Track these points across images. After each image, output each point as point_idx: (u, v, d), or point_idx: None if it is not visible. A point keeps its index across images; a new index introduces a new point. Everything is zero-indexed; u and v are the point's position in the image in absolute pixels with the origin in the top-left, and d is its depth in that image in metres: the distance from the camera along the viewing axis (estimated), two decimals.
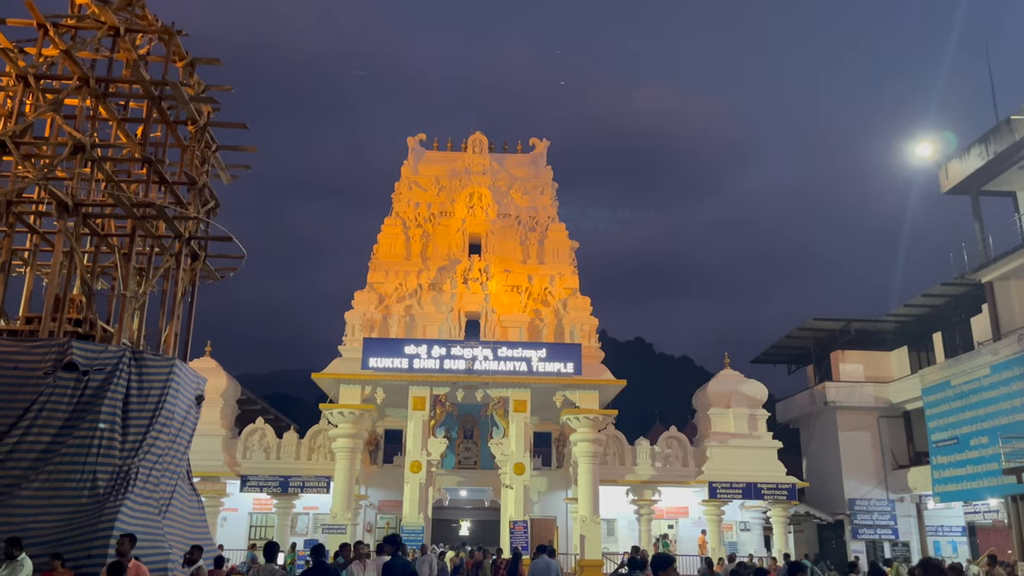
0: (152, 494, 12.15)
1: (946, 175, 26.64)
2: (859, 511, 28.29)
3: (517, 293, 27.08)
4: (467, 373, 24.25)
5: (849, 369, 30.54)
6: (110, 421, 11.86)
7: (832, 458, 29.70)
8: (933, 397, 26.22)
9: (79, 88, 13.62)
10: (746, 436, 27.36)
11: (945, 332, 28.47)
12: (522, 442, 24.29)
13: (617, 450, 27.16)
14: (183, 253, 14.95)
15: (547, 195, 29.59)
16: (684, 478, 26.97)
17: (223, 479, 25.96)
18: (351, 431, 24.31)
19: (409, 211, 28.59)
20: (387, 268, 27.32)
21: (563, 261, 28.09)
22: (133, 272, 14.04)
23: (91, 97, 13.80)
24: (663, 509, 27.97)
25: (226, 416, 27.07)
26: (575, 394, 24.73)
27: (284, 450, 26.83)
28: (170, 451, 12.89)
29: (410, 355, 24.28)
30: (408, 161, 29.92)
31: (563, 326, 26.69)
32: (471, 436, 28.47)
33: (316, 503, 27.20)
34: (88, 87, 13.61)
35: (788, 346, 33.47)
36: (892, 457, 29.24)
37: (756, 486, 26.22)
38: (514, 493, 23.86)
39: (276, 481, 25.90)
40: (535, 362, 24.43)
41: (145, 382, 12.58)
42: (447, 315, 26.30)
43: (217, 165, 16.60)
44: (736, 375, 28.60)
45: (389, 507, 27.60)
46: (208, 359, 27.21)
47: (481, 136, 30.49)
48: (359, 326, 26.04)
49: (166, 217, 13.97)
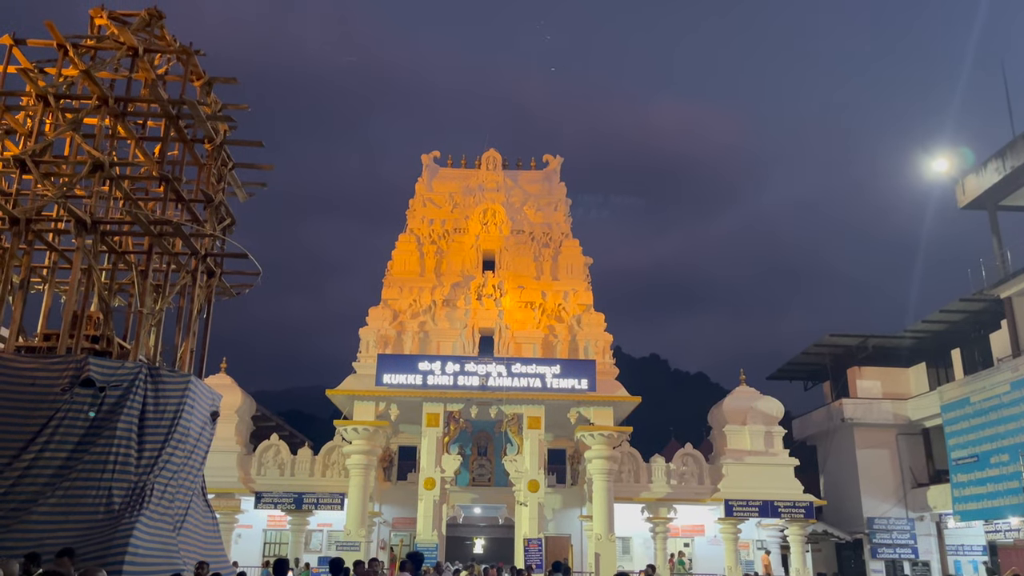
0: (167, 510, 12.17)
1: (963, 190, 26.47)
2: (878, 530, 27.91)
3: (531, 309, 27.07)
4: (481, 389, 24.22)
5: (866, 386, 30.26)
6: (126, 437, 11.91)
7: (850, 476, 29.37)
8: (952, 414, 25.91)
9: (98, 107, 13.80)
10: (762, 453, 27.12)
11: (964, 348, 28.18)
12: (536, 459, 24.19)
13: (632, 467, 26.99)
14: (199, 270, 15.06)
15: (561, 211, 29.64)
16: (700, 496, 26.75)
17: (237, 495, 25.99)
18: (365, 448, 24.30)
19: (423, 228, 28.71)
20: (401, 284, 27.40)
21: (577, 277, 28.08)
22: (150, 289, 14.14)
23: (110, 116, 13.98)
24: (679, 527, 27.72)
25: (241, 432, 27.13)
26: (589, 411, 24.63)
27: (298, 467, 26.83)
28: (185, 467, 12.92)
29: (424, 371, 24.29)
30: (422, 178, 30.08)
31: (577, 342, 26.63)
32: (485, 453, 28.38)
33: (330, 520, 27.15)
34: (107, 106, 13.78)
35: (804, 362, 33.23)
36: (911, 475, 28.88)
37: (773, 504, 25.96)
38: (528, 510, 23.74)
39: (290, 498, 25.89)
40: (549, 378, 24.36)
41: (161, 398, 12.63)
42: (461, 331, 26.32)
43: (233, 183, 16.73)
44: (752, 392, 28.40)
45: (403, 524, 27.52)
46: (223, 375, 27.33)
47: (495, 153, 30.63)
48: (373, 342, 26.09)
49: (183, 234, 14.08)
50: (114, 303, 14.88)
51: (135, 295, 14.22)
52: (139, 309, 13.92)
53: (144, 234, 13.94)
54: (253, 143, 16.22)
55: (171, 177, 14.23)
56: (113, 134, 14.41)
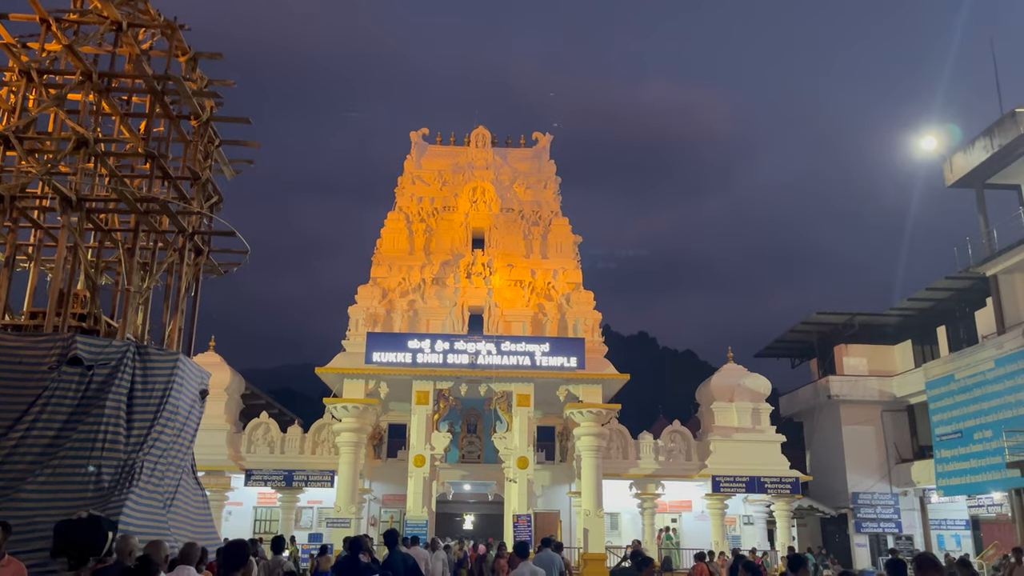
0: (157, 488, 12.18)
1: (951, 168, 26.55)
2: (862, 505, 28.27)
3: (520, 287, 27.07)
4: (470, 367, 24.26)
5: (853, 363, 30.50)
6: (114, 415, 11.88)
7: (835, 452, 29.68)
8: (937, 391, 26.18)
9: (82, 83, 13.62)
10: (749, 430, 27.35)
11: (949, 326, 28.41)
12: (525, 436, 24.31)
13: (620, 444, 27.18)
14: (187, 248, 14.96)
15: (550, 189, 29.56)
16: (687, 472, 26.98)
17: (227, 473, 26.05)
18: (355, 425, 24.35)
19: (412, 205, 28.59)
20: (390, 263, 27.33)
21: (566, 255, 28.06)
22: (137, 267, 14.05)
23: (94, 92, 13.80)
24: (666, 503, 27.98)
25: (230, 410, 27.14)
26: (578, 388, 24.73)
27: (288, 444, 26.89)
28: (175, 445, 12.92)
29: (413, 349, 24.29)
30: (411, 156, 29.91)
31: (566, 320, 26.68)
32: (475, 430, 28.50)
33: (320, 497, 27.25)
34: (91, 82, 13.60)
35: (792, 340, 33.44)
36: (896, 451, 29.21)
37: (759, 480, 26.22)
38: (518, 487, 23.89)
39: (280, 475, 25.96)
40: (538, 356, 24.42)
41: (149, 377, 12.59)
42: (450, 309, 26.32)
43: (220, 160, 16.59)
44: (740, 369, 28.58)
45: (393, 501, 27.66)
46: (212, 354, 27.27)
47: (484, 130, 30.46)
48: (362, 321, 26.06)
49: (169, 212, 13.97)
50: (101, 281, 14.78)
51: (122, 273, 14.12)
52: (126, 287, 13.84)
53: (130, 212, 13.83)
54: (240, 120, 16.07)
55: (157, 154, 14.10)
56: (97, 110, 14.23)
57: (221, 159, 16.60)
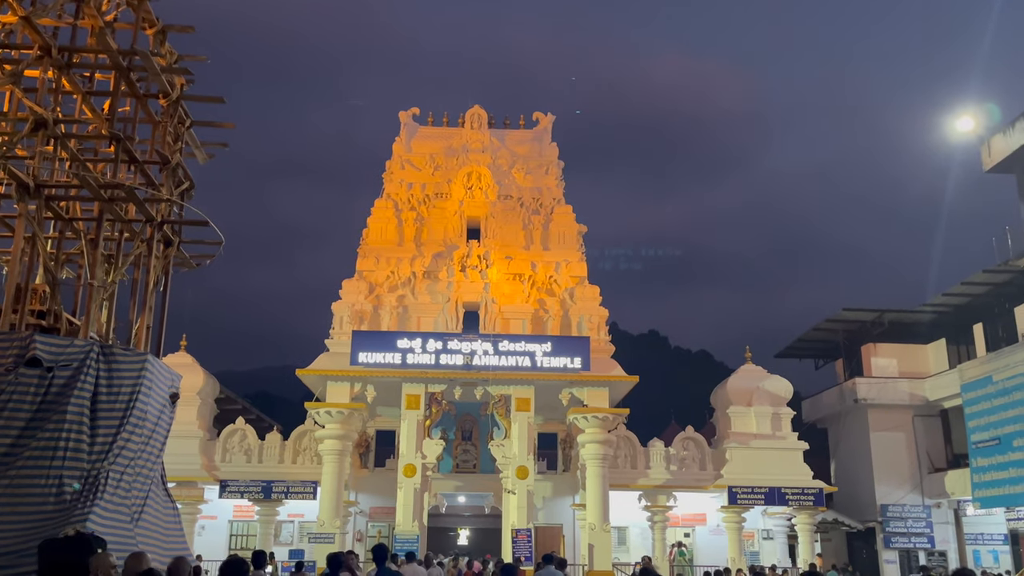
0: (123, 500, 12.17)
1: (988, 152, 26.56)
2: (892, 518, 28.35)
3: (519, 282, 27.10)
4: (465, 369, 24.28)
5: (882, 364, 30.57)
6: (77, 421, 11.87)
7: (863, 460, 29.76)
8: (973, 394, 26.23)
9: (40, 58, 13.57)
10: (769, 437, 27.41)
11: (987, 323, 28.45)
12: (525, 444, 24.35)
13: (629, 452, 27.24)
14: (155, 239, 14.93)
15: (552, 174, 29.56)
16: (701, 482, 27.05)
17: (200, 484, 26.09)
18: (339, 432, 24.38)
19: (401, 192, 28.59)
20: (378, 255, 27.33)
21: (570, 247, 28.08)
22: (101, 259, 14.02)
23: (53, 68, 13.75)
24: (679, 516, 28.06)
25: (203, 416, 27.17)
26: (583, 391, 24.77)
27: (267, 453, 26.93)
28: (143, 454, 12.91)
29: (403, 349, 24.31)
30: (400, 138, 29.90)
31: (570, 318, 26.71)
32: (470, 437, 28.55)
33: (302, 510, 27.30)
34: (50, 57, 13.55)
35: (815, 339, 33.49)
36: (928, 459, 29.29)
37: (780, 491, 26.29)
38: (517, 499, 23.95)
39: (258, 486, 26.00)
40: (539, 357, 24.45)
41: (115, 379, 12.58)
42: (443, 306, 26.33)
43: (192, 143, 16.56)
44: (758, 371, 28.63)
45: (381, 514, 27.71)
46: (184, 354, 27.29)
47: (480, 110, 30.44)
48: (347, 318, 26.08)
49: (136, 199, 13.95)
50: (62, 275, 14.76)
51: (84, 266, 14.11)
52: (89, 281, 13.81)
53: (93, 199, 13.80)
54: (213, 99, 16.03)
55: (122, 136, 14.06)
56: (57, 88, 14.18)
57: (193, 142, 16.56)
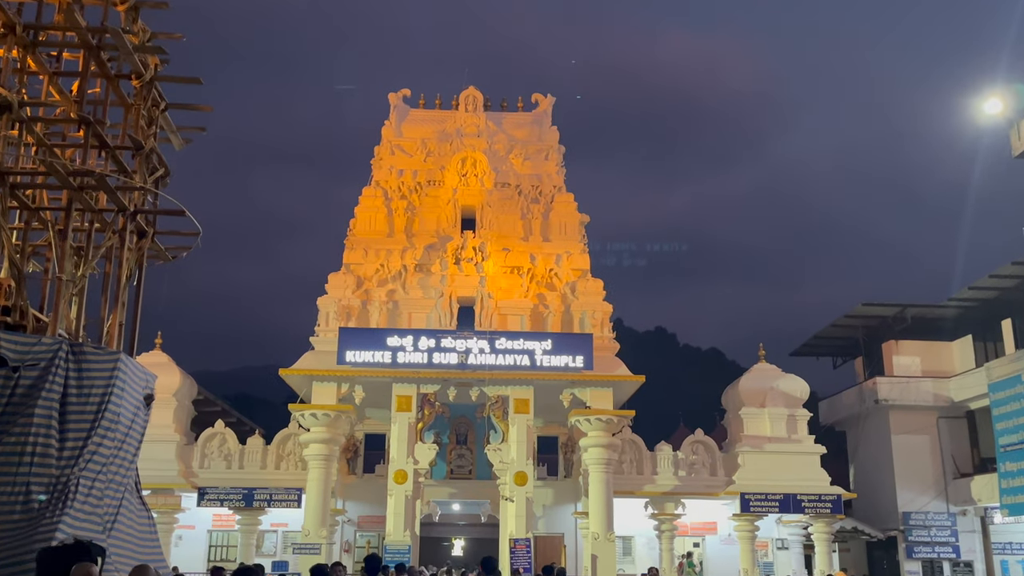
0: (95, 509, 12.18)
1: (1019, 135, 26.55)
2: (915, 526, 28.44)
3: (518, 275, 27.11)
4: (460, 368, 24.31)
5: (904, 362, 30.61)
6: (45, 425, 11.88)
7: (884, 465, 29.82)
8: (1002, 394, 26.28)
9: (4, 36, 13.54)
10: (784, 440, 27.47)
11: (1016, 319, 28.49)
12: (524, 448, 24.39)
13: (634, 457, 27.28)
14: (128, 230, 14.92)
15: (552, 160, 29.57)
16: (712, 489, 27.11)
17: (177, 492, 26.11)
18: (326, 436, 24.40)
19: (391, 180, 28.57)
20: (366, 246, 27.34)
21: (571, 238, 28.10)
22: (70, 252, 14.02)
23: (18, 47, 13.72)
24: (687, 524, 28.14)
25: (180, 419, 27.19)
26: (585, 392, 24.81)
27: (248, 458, 26.96)
28: (115, 459, 12.91)
29: (393, 347, 24.33)
30: (390, 121, 29.88)
31: (571, 313, 26.74)
32: (465, 441, 28.59)
33: (285, 519, 27.35)
34: (14, 35, 13.52)
35: (833, 336, 33.55)
36: (953, 464, 29.36)
37: (795, 498, 26.36)
38: (515, 507, 24.00)
39: (239, 494, 26.03)
40: (539, 355, 24.48)
41: (85, 379, 12.58)
42: (436, 301, 26.35)
43: (167, 127, 16.54)
44: (773, 370, 28.69)
45: (370, 523, 27.77)
46: (159, 353, 27.30)
47: (475, 91, 30.42)
48: (334, 314, 26.09)
49: (107, 187, 13.93)
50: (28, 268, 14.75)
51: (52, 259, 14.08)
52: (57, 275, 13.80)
53: (62, 187, 13.78)
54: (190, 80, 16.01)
55: (92, 120, 14.04)
56: (22, 68, 14.16)
57: (168, 126, 16.55)
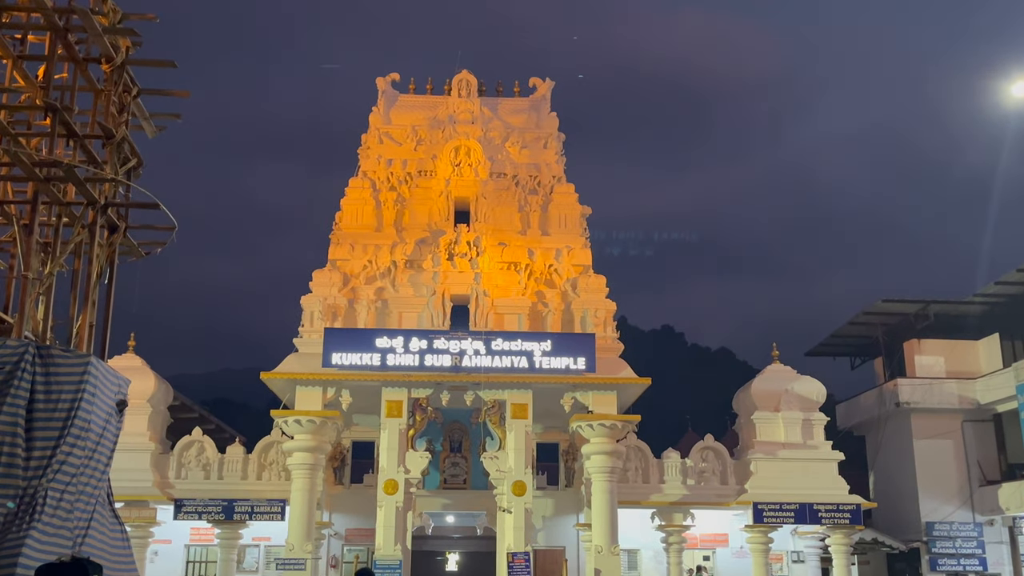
0: (65, 522, 12.18)
1: None
2: (939, 537, 28.47)
3: (515, 271, 27.10)
4: (454, 371, 24.30)
5: (927, 362, 30.65)
6: (10, 432, 11.86)
7: (906, 472, 29.86)
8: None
9: None
10: (799, 446, 27.48)
11: None
12: (522, 456, 24.39)
13: (640, 464, 27.28)
14: (98, 224, 14.90)
15: (552, 149, 29.56)
16: (723, 498, 27.12)
17: (152, 504, 26.08)
18: (311, 444, 24.38)
19: (380, 170, 28.55)
20: (353, 241, 27.31)
21: (572, 231, 28.09)
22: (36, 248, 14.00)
23: None
24: (697, 536, 28.15)
25: (155, 426, 27.16)
26: (588, 396, 24.80)
27: (228, 468, 26.92)
28: (86, 470, 12.91)
29: (383, 349, 24.31)
30: (378, 108, 29.84)
31: (572, 312, 26.74)
32: (459, 449, 28.58)
33: (268, 533, 27.33)
34: None
35: (852, 335, 33.59)
36: (979, 470, 29.41)
37: (812, 507, 26.37)
38: (513, 518, 23.98)
39: (218, 506, 25.99)
40: (538, 357, 24.47)
41: (53, 384, 12.57)
42: (428, 299, 26.34)
43: (139, 114, 16.52)
44: (787, 371, 28.69)
45: (358, 537, 27.75)
46: (132, 356, 27.25)
47: (468, 75, 30.38)
48: (319, 314, 26.06)
49: (76, 179, 13.91)
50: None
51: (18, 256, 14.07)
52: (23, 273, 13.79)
53: (27, 179, 13.77)
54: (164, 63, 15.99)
55: (60, 106, 14.02)
56: None
57: (141, 113, 16.53)
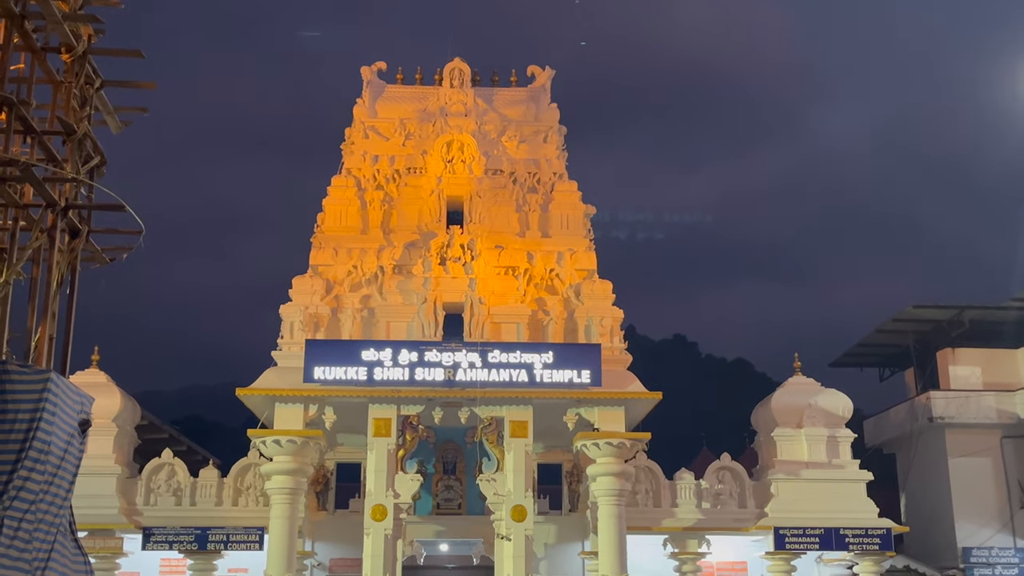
0: (22, 554, 12.14)
1: None
2: (976, 563, 28.47)
3: (513, 276, 27.09)
4: (447, 386, 24.27)
5: (963, 373, 30.66)
6: None
7: (940, 493, 29.85)
8: None
9: None
10: (824, 465, 27.45)
11: None
12: (522, 478, 24.36)
13: (651, 487, 27.26)
14: (59, 228, 14.89)
15: (552, 143, 29.58)
16: (741, 523, 27.09)
17: (119, 532, 25.98)
18: (291, 466, 24.34)
19: (365, 167, 28.56)
20: (336, 245, 27.29)
21: (575, 233, 28.10)
22: None
23: None
24: (713, 565, 28.12)
25: (121, 448, 27.10)
26: (593, 412, 24.78)
27: (201, 493, 26.88)
28: (46, 496, 12.88)
29: (369, 362, 24.28)
30: (362, 100, 29.85)
31: (576, 321, 26.72)
32: (453, 471, 28.56)
33: (245, 563, 27.26)
34: None
35: (880, 343, 33.62)
36: (1020, 491, 29.40)
37: (838, 532, 26.34)
38: (512, 546, 23.93)
39: (191, 534, 25.93)
40: (539, 370, 24.44)
41: (10, 403, 12.54)
42: (419, 308, 26.31)
43: (102, 108, 16.52)
44: (810, 383, 28.67)
45: (344, 567, 27.71)
46: (96, 371, 27.20)
47: (461, 64, 30.39)
48: (299, 324, 26.04)
49: (34, 179, 13.91)
50: None
51: None
52: None
53: None
54: (129, 52, 16.00)
55: (16, 100, 14.02)
56: None
57: (104, 107, 16.53)
